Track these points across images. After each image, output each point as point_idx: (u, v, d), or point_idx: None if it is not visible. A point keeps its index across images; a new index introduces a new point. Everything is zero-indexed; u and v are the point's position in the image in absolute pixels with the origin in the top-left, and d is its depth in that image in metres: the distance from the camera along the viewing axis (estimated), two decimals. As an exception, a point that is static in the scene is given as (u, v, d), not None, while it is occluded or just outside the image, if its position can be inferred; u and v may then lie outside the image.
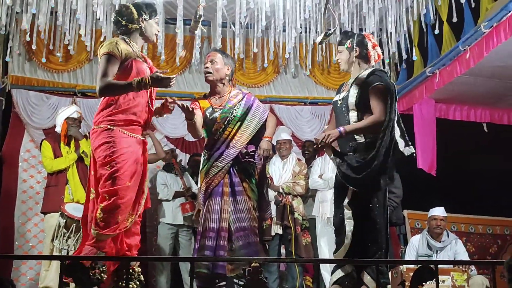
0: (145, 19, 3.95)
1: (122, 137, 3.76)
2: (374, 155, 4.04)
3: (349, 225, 4.06)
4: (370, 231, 4.07)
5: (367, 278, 4.01)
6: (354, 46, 4.29)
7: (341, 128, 4.07)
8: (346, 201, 4.12)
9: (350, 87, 4.22)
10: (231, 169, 4.46)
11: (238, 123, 4.52)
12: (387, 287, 4.13)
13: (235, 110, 4.53)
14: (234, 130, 4.50)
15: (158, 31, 4.09)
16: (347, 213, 4.09)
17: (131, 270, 3.63)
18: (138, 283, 3.67)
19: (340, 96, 4.31)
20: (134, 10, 3.93)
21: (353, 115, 4.17)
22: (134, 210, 3.81)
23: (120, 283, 3.43)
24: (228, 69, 4.59)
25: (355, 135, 4.14)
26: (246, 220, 4.39)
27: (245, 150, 4.48)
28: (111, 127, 3.76)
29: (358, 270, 4.05)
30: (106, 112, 3.79)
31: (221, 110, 4.53)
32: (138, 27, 3.94)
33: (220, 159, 4.44)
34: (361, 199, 4.10)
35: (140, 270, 3.80)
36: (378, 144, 4.06)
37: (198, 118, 4.44)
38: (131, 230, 3.88)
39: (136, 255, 3.96)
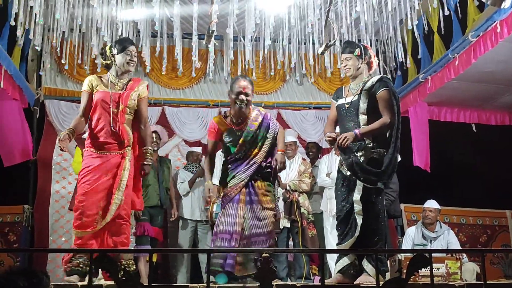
0: (113, 55, 4.31)
1: (89, 156, 4.19)
2: (389, 152, 4.08)
3: (359, 219, 4.06)
4: (374, 223, 4.09)
5: (368, 266, 4.03)
6: (363, 54, 4.28)
7: (356, 131, 4.07)
8: (357, 196, 4.09)
9: (360, 92, 4.18)
10: (250, 180, 4.55)
11: (260, 143, 4.61)
12: (386, 274, 4.15)
13: (255, 133, 4.61)
14: (256, 150, 4.60)
15: (132, 61, 4.32)
16: (357, 207, 4.08)
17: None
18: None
19: (346, 100, 4.27)
20: (107, 49, 4.36)
21: (362, 118, 4.15)
22: (103, 215, 4.05)
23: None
24: (253, 95, 4.71)
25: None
26: (263, 226, 4.46)
27: (264, 164, 4.59)
28: (86, 149, 4.25)
29: (360, 258, 4.09)
30: (86, 138, 4.32)
31: (243, 133, 4.60)
32: (110, 62, 4.35)
33: (242, 172, 4.55)
34: (370, 195, 4.09)
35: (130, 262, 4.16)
36: (392, 143, 4.10)
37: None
38: (116, 230, 4.09)
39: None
